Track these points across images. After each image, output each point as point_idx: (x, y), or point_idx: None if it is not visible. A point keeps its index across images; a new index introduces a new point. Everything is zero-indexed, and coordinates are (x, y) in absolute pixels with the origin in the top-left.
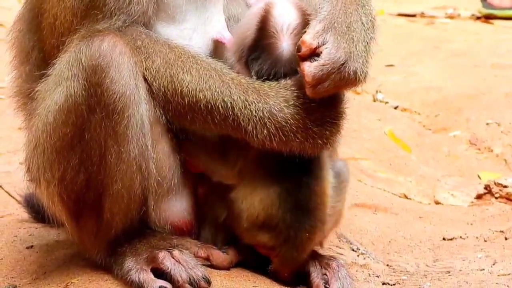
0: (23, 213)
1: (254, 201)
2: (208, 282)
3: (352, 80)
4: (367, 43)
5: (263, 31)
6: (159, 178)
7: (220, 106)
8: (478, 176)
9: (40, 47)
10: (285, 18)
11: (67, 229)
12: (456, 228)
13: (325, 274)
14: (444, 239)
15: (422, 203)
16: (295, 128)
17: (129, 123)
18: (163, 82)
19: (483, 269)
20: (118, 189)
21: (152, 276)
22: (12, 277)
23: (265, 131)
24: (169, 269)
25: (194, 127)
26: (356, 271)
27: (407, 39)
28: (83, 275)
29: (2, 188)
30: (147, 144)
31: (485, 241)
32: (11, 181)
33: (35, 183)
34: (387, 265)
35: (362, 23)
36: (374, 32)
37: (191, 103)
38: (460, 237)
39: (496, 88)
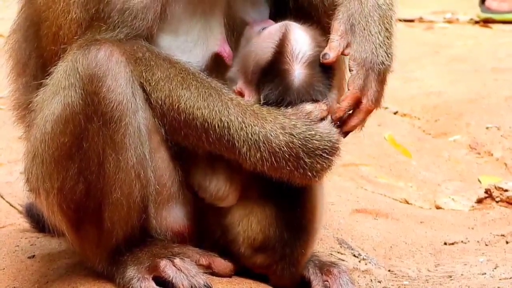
0: (24, 223)
1: (251, 223)
2: None
3: (384, 69)
4: (387, 28)
5: (280, 56)
6: (158, 186)
7: (216, 125)
8: (479, 180)
9: (38, 55)
10: (301, 46)
11: (68, 238)
12: (457, 232)
13: (326, 281)
14: (445, 243)
15: (423, 208)
16: (287, 156)
17: (126, 131)
18: (161, 96)
19: (485, 273)
20: (117, 198)
21: (154, 284)
22: (14, 287)
23: (258, 155)
24: (170, 278)
25: (187, 143)
26: (358, 276)
27: (406, 44)
28: (85, 284)
29: (3, 198)
30: (145, 152)
31: (486, 245)
32: (12, 191)
33: (35, 193)
34: (389, 271)
35: (379, 5)
36: (393, 8)
37: (187, 119)
38: (461, 241)
39: (496, 92)
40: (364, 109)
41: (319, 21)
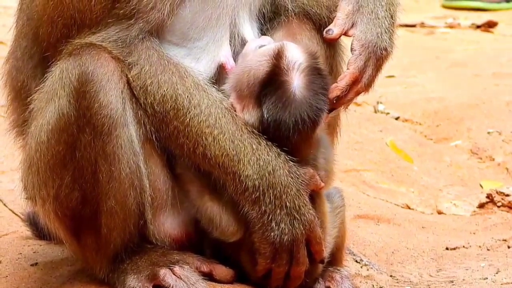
0: (27, 231)
1: None
2: None
3: (385, 56)
4: (392, 16)
5: (277, 68)
6: (154, 192)
7: (227, 147)
8: (480, 185)
9: (37, 45)
10: (296, 58)
11: (67, 246)
12: (459, 237)
13: (329, 287)
14: (447, 248)
15: (424, 213)
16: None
17: (117, 144)
18: (166, 107)
19: (487, 278)
20: (111, 206)
21: None
22: None
23: (256, 183)
24: (171, 286)
25: (179, 152)
26: (360, 282)
27: (407, 49)
28: None
29: (6, 206)
30: (139, 162)
31: (488, 250)
32: (14, 199)
33: (32, 201)
34: (391, 276)
35: None
36: None
37: (189, 131)
38: (463, 246)
39: (497, 97)
40: (355, 90)
41: (319, 18)
